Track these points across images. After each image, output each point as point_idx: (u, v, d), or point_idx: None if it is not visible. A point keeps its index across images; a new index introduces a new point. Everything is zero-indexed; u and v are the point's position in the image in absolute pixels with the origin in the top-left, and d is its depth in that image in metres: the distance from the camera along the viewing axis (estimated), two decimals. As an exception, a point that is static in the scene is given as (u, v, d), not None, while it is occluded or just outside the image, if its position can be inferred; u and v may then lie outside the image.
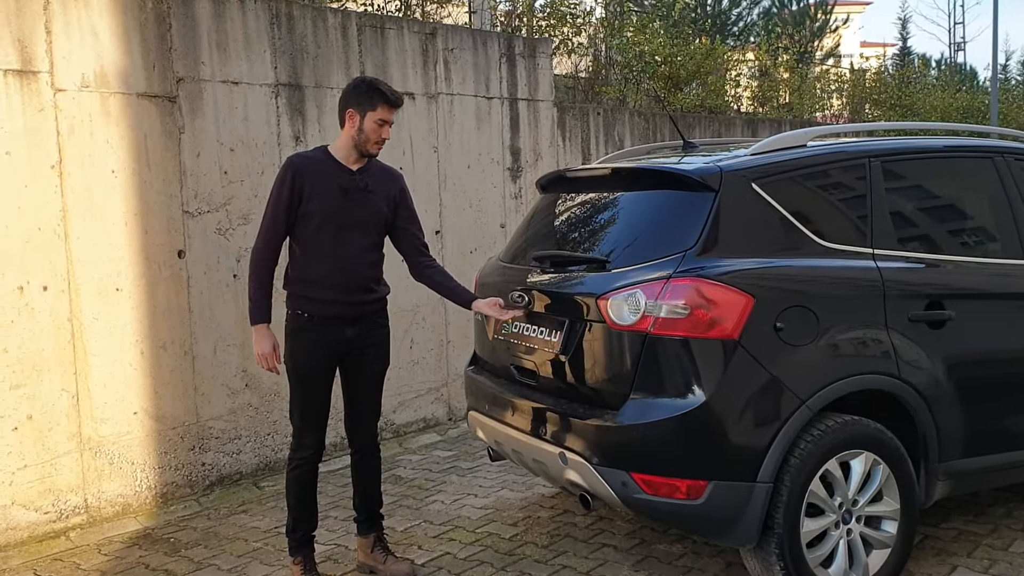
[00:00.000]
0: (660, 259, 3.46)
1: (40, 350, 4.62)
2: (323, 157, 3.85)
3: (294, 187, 3.76)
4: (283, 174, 3.79)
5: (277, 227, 3.81)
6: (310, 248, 3.81)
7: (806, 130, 4.00)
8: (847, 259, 3.65)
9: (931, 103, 14.21)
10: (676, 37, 10.77)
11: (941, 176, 4.19)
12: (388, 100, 3.78)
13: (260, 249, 3.84)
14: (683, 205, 3.62)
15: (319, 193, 3.77)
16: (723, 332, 3.32)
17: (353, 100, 3.81)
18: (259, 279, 3.83)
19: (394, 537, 4.48)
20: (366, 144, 3.81)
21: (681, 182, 3.69)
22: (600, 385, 3.58)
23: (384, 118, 3.79)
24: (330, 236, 3.78)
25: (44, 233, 4.61)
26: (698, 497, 3.32)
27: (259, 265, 3.84)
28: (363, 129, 3.78)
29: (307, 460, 3.92)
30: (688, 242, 3.44)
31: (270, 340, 3.85)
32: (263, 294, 3.84)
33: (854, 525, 3.57)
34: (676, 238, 3.50)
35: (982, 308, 3.94)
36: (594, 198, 4.18)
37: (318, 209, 3.76)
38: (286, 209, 3.78)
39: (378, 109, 3.76)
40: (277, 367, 3.90)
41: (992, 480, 4.13)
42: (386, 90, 3.79)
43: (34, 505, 4.63)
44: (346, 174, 3.83)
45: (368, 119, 3.77)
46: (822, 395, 3.43)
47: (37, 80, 4.57)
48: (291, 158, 3.88)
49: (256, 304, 3.84)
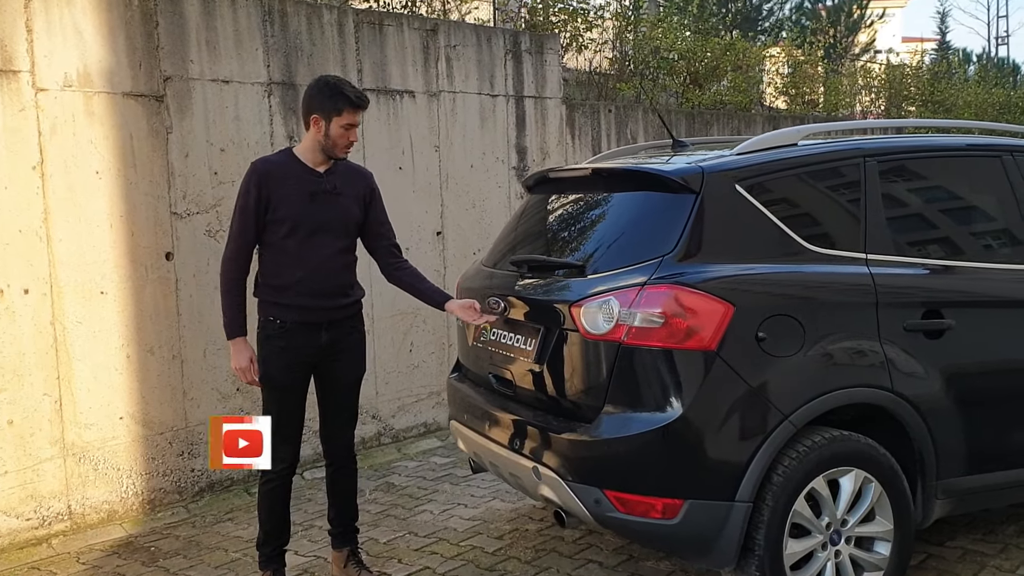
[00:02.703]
0: (636, 265, 3.28)
1: (21, 354, 4.55)
2: (288, 160, 3.72)
3: (260, 194, 3.63)
4: (247, 181, 3.66)
5: (246, 236, 3.68)
6: (280, 254, 3.68)
7: (798, 128, 3.79)
8: (837, 265, 3.44)
9: (965, 99, 13.80)
10: (696, 32, 10.53)
11: (943, 176, 3.96)
12: (353, 104, 3.62)
13: (229, 260, 3.71)
14: (663, 207, 3.44)
15: (286, 198, 3.63)
16: (700, 342, 3.13)
17: (317, 105, 3.66)
18: (231, 292, 3.70)
19: (376, 549, 4.35)
20: (334, 149, 3.67)
21: (661, 183, 3.50)
22: (574, 397, 3.41)
23: (351, 122, 3.63)
24: (299, 241, 3.65)
25: (25, 235, 4.53)
26: (673, 517, 3.14)
27: (229, 277, 3.71)
28: (329, 135, 3.64)
29: (280, 474, 3.77)
30: (666, 247, 3.26)
31: (247, 353, 3.72)
32: (236, 307, 3.71)
33: (843, 546, 3.36)
34: (654, 242, 3.32)
35: (986, 316, 3.72)
36: (576, 200, 4.01)
37: (286, 214, 3.63)
38: (253, 216, 3.65)
39: (343, 114, 3.61)
40: (256, 380, 3.77)
41: (999, 499, 3.90)
42: (350, 93, 3.63)
43: (15, 511, 4.55)
44: (313, 177, 3.69)
45: (334, 125, 3.62)
46: (807, 409, 3.23)
47: (18, 80, 4.49)
48: (254, 164, 3.75)
49: (230, 318, 3.71)
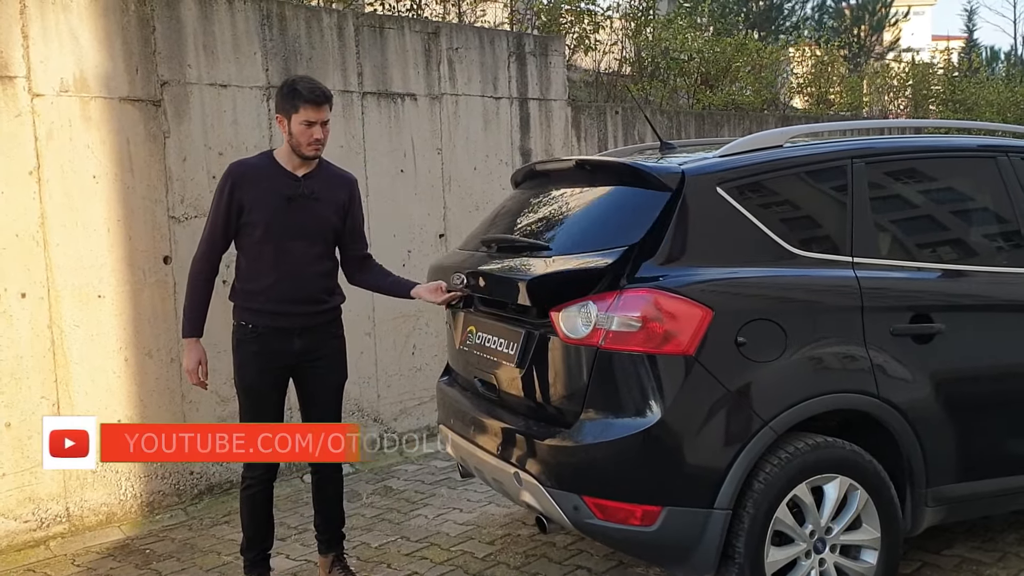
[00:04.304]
0: (603, 250, 3.25)
1: (19, 357, 4.58)
2: (266, 163, 3.70)
3: (232, 197, 3.61)
4: (222, 183, 3.65)
5: (215, 238, 3.68)
6: (254, 258, 3.66)
7: (784, 129, 3.73)
8: (822, 268, 3.37)
9: (987, 98, 13.58)
10: (707, 31, 10.44)
11: (934, 177, 3.88)
12: (307, 99, 3.56)
13: (197, 259, 3.71)
14: (642, 207, 3.38)
15: (261, 201, 3.61)
16: (678, 347, 3.08)
17: (278, 106, 3.65)
18: (193, 290, 3.71)
19: (367, 554, 4.34)
20: (299, 148, 3.62)
21: (642, 183, 3.45)
22: (553, 402, 3.38)
23: (309, 119, 3.57)
24: (274, 246, 3.62)
25: (22, 240, 4.57)
26: (652, 524, 3.10)
27: (195, 276, 3.71)
28: (292, 134, 3.60)
29: (259, 480, 3.76)
30: (642, 249, 3.20)
31: (196, 355, 3.71)
32: (195, 306, 3.71)
33: (828, 555, 3.30)
34: (626, 239, 3.26)
35: (977, 320, 3.63)
36: (557, 196, 3.95)
37: (259, 217, 3.61)
38: (225, 219, 3.64)
39: (300, 111, 3.56)
40: (204, 383, 3.76)
41: (995, 506, 3.81)
42: (304, 89, 3.58)
43: (13, 514, 4.59)
44: (290, 180, 3.67)
45: (294, 123, 3.58)
46: (788, 415, 3.17)
47: (14, 85, 4.52)
48: (231, 166, 3.74)
49: (187, 316, 3.71)
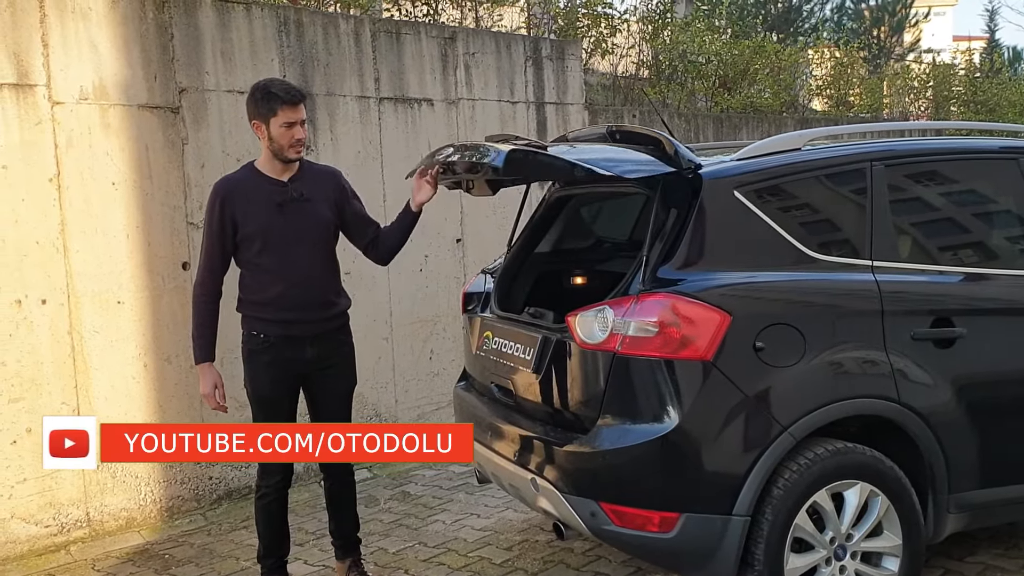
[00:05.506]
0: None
1: (39, 363, 4.61)
2: (250, 175, 3.68)
3: (224, 214, 3.59)
4: (211, 202, 3.63)
5: (214, 258, 3.66)
6: (258, 271, 3.64)
7: (803, 132, 3.71)
8: (841, 272, 3.35)
9: (1009, 98, 13.45)
10: (725, 34, 10.39)
11: (955, 180, 3.84)
12: (285, 100, 3.54)
13: (200, 284, 3.69)
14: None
15: (253, 213, 3.59)
16: (696, 352, 3.07)
17: (252, 110, 3.61)
18: (200, 315, 3.69)
19: (384, 559, 4.34)
20: (282, 151, 3.59)
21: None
22: (571, 408, 3.37)
23: (289, 119, 3.54)
24: (276, 256, 3.60)
25: (42, 246, 4.60)
26: (669, 530, 3.08)
27: (200, 300, 3.69)
28: (273, 138, 3.57)
29: (274, 488, 3.76)
30: (658, 253, 3.20)
31: (212, 380, 3.70)
32: (204, 331, 3.69)
33: (848, 562, 3.27)
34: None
35: (999, 324, 3.59)
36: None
37: (255, 230, 3.58)
38: (220, 238, 3.62)
39: (279, 113, 3.53)
40: (224, 406, 3.76)
41: (1018, 512, 3.76)
42: (280, 91, 3.56)
43: (34, 519, 4.62)
44: (278, 187, 3.63)
45: (273, 126, 3.55)
46: (807, 421, 3.15)
47: (34, 93, 4.56)
48: (216, 184, 3.72)
49: (196, 343, 3.70)
